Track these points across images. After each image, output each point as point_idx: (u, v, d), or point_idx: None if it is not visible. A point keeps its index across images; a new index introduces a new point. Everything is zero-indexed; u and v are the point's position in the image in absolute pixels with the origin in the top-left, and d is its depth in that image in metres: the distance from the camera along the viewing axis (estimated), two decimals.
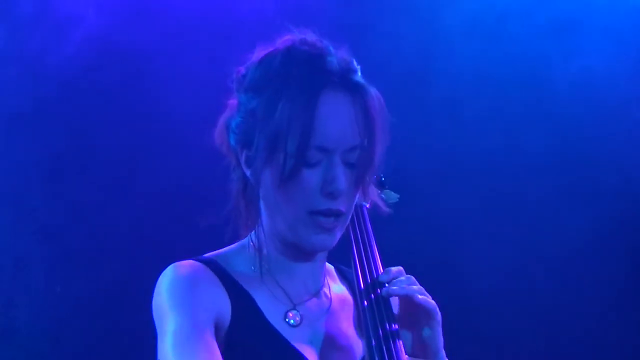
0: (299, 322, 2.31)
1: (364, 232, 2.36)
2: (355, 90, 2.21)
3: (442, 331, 2.31)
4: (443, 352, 2.28)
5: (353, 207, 2.29)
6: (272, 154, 2.19)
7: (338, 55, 2.24)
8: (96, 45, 4.18)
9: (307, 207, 2.21)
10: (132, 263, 3.96)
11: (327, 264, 2.40)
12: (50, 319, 4.07)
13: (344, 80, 2.21)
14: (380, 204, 2.41)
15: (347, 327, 2.36)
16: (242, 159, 2.26)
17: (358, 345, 2.32)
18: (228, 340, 2.22)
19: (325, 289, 2.38)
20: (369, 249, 2.34)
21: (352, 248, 2.34)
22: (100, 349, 4.03)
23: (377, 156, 2.24)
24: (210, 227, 2.47)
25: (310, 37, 2.27)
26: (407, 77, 4.23)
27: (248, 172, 2.25)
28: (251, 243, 2.32)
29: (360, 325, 2.29)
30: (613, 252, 4.31)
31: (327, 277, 2.40)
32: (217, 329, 2.23)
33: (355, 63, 2.26)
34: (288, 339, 2.27)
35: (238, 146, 2.26)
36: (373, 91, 2.22)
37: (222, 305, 2.25)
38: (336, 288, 2.41)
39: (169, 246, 3.83)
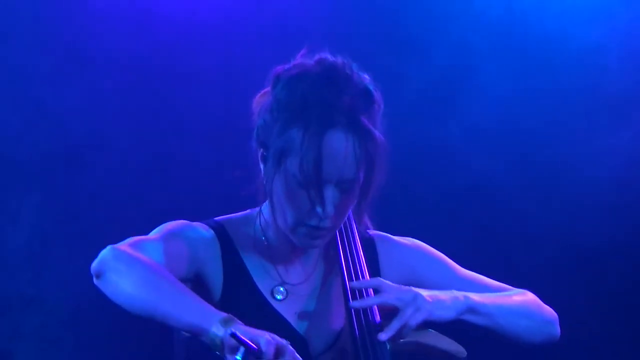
0: (284, 298, 2.46)
1: (350, 237, 2.50)
2: (360, 134, 2.31)
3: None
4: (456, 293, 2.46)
5: (343, 220, 2.43)
6: (279, 166, 2.36)
7: (358, 86, 2.34)
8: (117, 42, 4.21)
9: (299, 219, 2.38)
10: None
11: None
12: (72, 290, 4.11)
13: (352, 123, 2.31)
14: (370, 225, 2.54)
15: (332, 303, 2.49)
16: (259, 154, 2.43)
17: (340, 319, 2.46)
18: (222, 304, 2.40)
19: (318, 271, 2.53)
20: (354, 251, 2.48)
21: (339, 252, 2.48)
22: (118, 316, 4.09)
23: (371, 192, 2.38)
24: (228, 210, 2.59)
25: (338, 62, 2.37)
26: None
27: (261, 167, 2.42)
28: (258, 221, 2.49)
29: (345, 303, 2.42)
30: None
31: (321, 260, 2.55)
32: (202, 289, 2.41)
33: (372, 96, 2.36)
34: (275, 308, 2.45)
35: (256, 142, 2.43)
36: (377, 136, 2.33)
37: (210, 271, 2.43)
38: (327, 269, 2.54)
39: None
